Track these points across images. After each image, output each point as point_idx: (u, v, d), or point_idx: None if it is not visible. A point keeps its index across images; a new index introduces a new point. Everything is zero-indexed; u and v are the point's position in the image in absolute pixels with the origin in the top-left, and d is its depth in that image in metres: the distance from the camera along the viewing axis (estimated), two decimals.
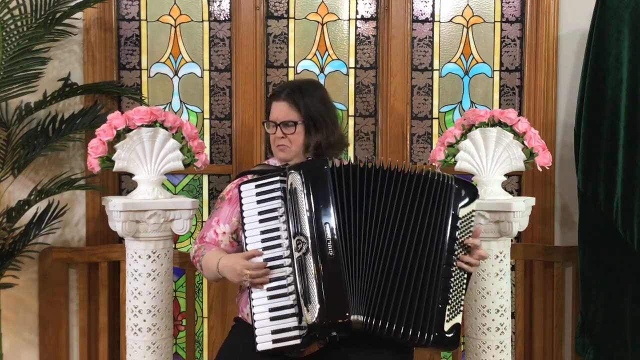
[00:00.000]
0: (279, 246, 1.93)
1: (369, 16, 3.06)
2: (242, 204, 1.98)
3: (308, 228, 1.88)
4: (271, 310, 1.90)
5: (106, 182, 2.95)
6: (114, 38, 2.98)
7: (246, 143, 2.99)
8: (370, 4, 3.06)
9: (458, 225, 1.96)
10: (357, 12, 3.06)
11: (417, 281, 1.90)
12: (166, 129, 2.43)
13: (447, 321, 1.90)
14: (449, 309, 1.91)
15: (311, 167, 1.96)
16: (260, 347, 1.89)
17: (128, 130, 2.39)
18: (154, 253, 2.41)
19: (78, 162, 2.96)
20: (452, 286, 1.93)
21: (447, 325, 1.90)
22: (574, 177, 2.89)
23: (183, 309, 3.03)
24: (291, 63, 3.06)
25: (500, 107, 3.10)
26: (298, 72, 3.06)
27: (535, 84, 3.03)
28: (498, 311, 2.45)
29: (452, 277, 1.94)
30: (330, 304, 1.83)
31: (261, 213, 1.96)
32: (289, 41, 3.05)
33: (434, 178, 1.97)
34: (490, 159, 2.47)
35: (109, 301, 2.90)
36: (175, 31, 3.04)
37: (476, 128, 2.47)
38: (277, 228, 1.94)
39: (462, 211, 1.98)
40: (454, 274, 1.94)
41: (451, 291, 1.93)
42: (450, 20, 3.08)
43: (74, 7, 2.73)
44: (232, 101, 3.03)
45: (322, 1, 3.06)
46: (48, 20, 2.70)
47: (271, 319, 1.89)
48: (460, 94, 3.11)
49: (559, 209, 3.07)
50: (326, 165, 1.95)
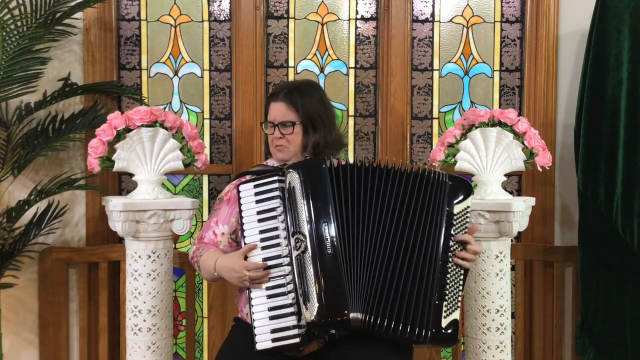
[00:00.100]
0: (278, 245, 1.94)
1: (369, 16, 3.06)
2: (241, 204, 1.99)
3: (306, 226, 1.88)
4: (270, 309, 1.90)
5: (106, 182, 2.95)
6: (114, 38, 2.98)
7: (246, 143, 3.00)
8: (370, 4, 3.05)
9: (453, 221, 1.97)
10: (357, 12, 3.06)
11: (415, 278, 1.91)
12: (166, 129, 2.43)
13: (445, 317, 1.90)
14: (446, 305, 1.91)
15: (309, 166, 1.96)
16: (259, 347, 1.90)
17: (128, 130, 2.40)
18: (154, 253, 2.41)
19: (78, 162, 2.96)
20: (449, 282, 1.93)
21: (445, 321, 1.90)
22: (574, 177, 2.89)
23: (183, 309, 3.03)
24: (291, 63, 3.05)
25: (500, 107, 3.09)
26: (298, 72, 3.06)
27: (535, 84, 3.02)
28: (498, 311, 2.45)
29: (449, 274, 1.94)
30: (329, 302, 1.83)
31: (260, 213, 1.97)
32: (289, 41, 3.05)
33: (428, 176, 1.98)
34: (490, 159, 2.47)
35: (109, 301, 2.90)
36: (175, 31, 3.04)
37: (476, 128, 2.47)
38: (276, 227, 1.95)
39: (457, 207, 1.99)
40: (450, 271, 1.95)
41: (448, 287, 1.93)
42: (450, 20, 3.08)
43: (74, 7, 2.73)
44: (232, 101, 3.03)
45: (322, 1, 3.06)
46: (48, 20, 2.70)
47: (270, 318, 1.90)
48: (460, 94, 3.11)
49: (559, 209, 3.07)
50: (324, 164, 1.95)
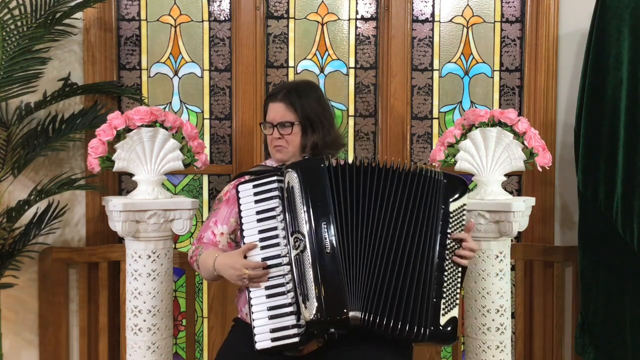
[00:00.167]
0: (277, 245, 1.94)
1: (369, 16, 3.06)
2: (240, 204, 1.99)
3: (305, 226, 1.89)
4: (269, 308, 1.91)
5: (106, 182, 2.95)
6: (114, 38, 2.98)
7: (246, 143, 3.00)
8: (370, 4, 3.05)
9: (449, 219, 1.97)
10: (357, 12, 3.06)
11: (412, 276, 1.91)
12: (166, 129, 2.43)
13: (443, 315, 1.90)
14: (444, 303, 1.91)
15: (308, 166, 1.97)
16: (259, 346, 1.90)
17: (128, 130, 2.40)
18: (154, 253, 2.41)
19: (78, 162, 2.96)
20: (446, 280, 1.94)
21: (443, 319, 1.90)
22: (574, 177, 2.89)
23: (183, 309, 3.03)
24: (291, 63, 3.05)
25: (500, 107, 3.09)
26: (298, 72, 3.06)
27: (535, 84, 3.02)
28: (498, 311, 2.45)
29: (446, 272, 1.94)
30: (328, 301, 1.83)
31: (259, 212, 1.97)
32: (289, 41, 3.05)
33: (424, 174, 1.98)
34: (490, 159, 2.47)
35: (109, 301, 2.90)
36: (175, 31, 3.04)
37: (476, 128, 2.47)
38: (275, 227, 1.95)
39: (453, 205, 1.99)
40: (448, 268, 1.95)
41: (445, 285, 1.93)
42: (450, 20, 3.08)
43: (74, 7, 2.73)
44: (232, 101, 3.03)
45: (322, 1, 3.06)
46: (48, 20, 2.70)
47: (270, 318, 1.90)
48: (460, 94, 3.11)
49: (559, 209, 3.07)
50: (323, 163, 1.96)
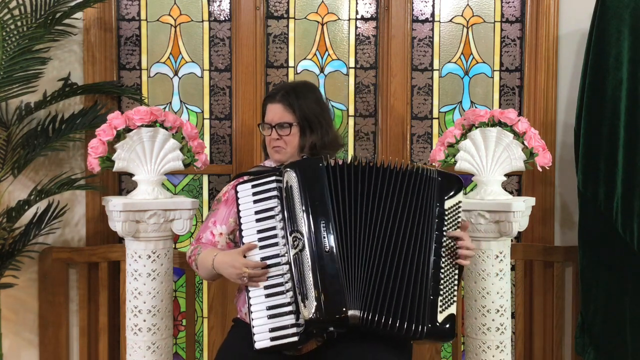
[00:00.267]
0: (276, 245, 1.94)
1: (369, 16, 3.06)
2: (239, 204, 2.00)
3: (304, 225, 1.89)
4: (269, 308, 1.91)
5: (106, 182, 2.95)
6: (114, 38, 2.98)
7: (246, 143, 3.00)
8: (370, 4, 3.05)
9: (444, 217, 1.98)
10: (357, 12, 3.06)
11: (410, 274, 1.91)
12: (166, 129, 2.43)
13: (441, 312, 1.91)
14: (442, 300, 1.92)
15: (307, 165, 1.97)
16: (258, 345, 1.90)
17: (128, 130, 2.40)
18: (154, 253, 2.41)
19: (78, 162, 2.96)
20: (443, 277, 1.94)
21: (441, 316, 1.91)
22: (574, 177, 2.88)
23: (183, 309, 3.03)
24: (291, 63, 3.05)
25: (500, 107, 3.09)
26: (298, 72, 3.06)
27: (535, 84, 3.02)
28: (498, 311, 2.45)
29: (442, 269, 1.95)
30: (327, 300, 1.84)
31: (258, 212, 1.97)
32: (289, 41, 3.05)
33: (419, 173, 1.99)
34: (490, 159, 2.47)
35: (109, 301, 2.90)
36: (175, 31, 3.04)
37: (476, 128, 2.47)
38: (274, 227, 1.95)
39: (448, 203, 2.00)
40: (444, 266, 1.95)
41: (442, 282, 1.93)
42: (450, 20, 3.08)
43: (74, 7, 2.73)
44: (232, 101, 3.03)
45: (322, 1, 3.06)
46: (48, 20, 2.70)
47: (269, 317, 1.91)
48: (460, 94, 3.11)
49: (559, 209, 3.07)
50: (321, 162, 1.96)
